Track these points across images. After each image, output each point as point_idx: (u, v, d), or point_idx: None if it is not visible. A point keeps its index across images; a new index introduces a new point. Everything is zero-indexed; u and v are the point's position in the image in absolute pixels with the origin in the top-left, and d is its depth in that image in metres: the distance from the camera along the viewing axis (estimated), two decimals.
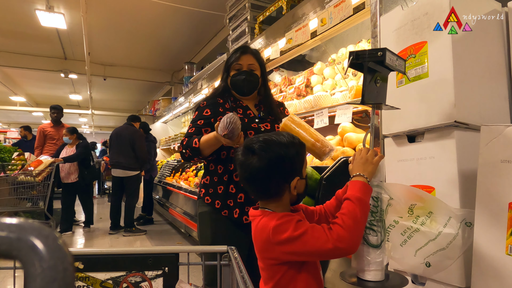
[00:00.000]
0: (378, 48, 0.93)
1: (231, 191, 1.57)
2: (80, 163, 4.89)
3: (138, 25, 6.03)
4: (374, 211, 0.95)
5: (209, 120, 1.60)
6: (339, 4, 1.96)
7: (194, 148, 1.52)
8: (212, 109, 1.61)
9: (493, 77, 1.15)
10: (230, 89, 1.67)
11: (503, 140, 0.85)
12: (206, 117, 1.61)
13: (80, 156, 4.82)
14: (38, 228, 0.27)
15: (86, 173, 4.97)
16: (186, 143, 1.56)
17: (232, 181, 1.58)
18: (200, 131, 1.59)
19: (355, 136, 2.40)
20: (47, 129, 5.29)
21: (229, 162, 1.59)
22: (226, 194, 1.57)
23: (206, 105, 1.63)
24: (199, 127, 1.60)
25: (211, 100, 1.65)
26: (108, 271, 0.83)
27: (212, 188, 1.60)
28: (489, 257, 0.88)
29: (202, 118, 1.61)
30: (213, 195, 1.59)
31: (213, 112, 1.60)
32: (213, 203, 1.58)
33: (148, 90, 10.61)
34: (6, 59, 7.59)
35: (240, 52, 1.63)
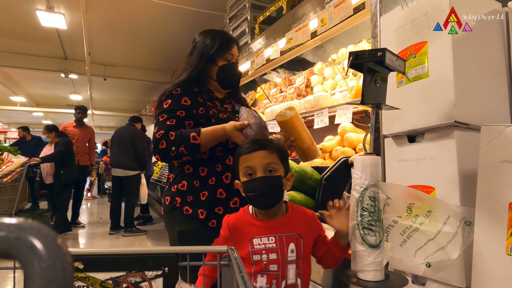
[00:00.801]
0: (377, 49, 0.93)
1: (220, 196, 1.36)
2: (57, 163, 4.63)
3: (138, 25, 6.04)
4: (372, 211, 0.95)
5: (191, 112, 1.36)
6: (339, 4, 1.96)
7: (192, 145, 1.28)
8: (191, 98, 1.38)
9: (493, 77, 1.15)
10: (208, 79, 1.49)
11: (503, 140, 0.85)
12: (186, 107, 1.36)
13: (58, 155, 4.60)
14: (37, 228, 0.27)
15: (63, 173, 4.64)
16: (175, 137, 1.28)
17: (222, 185, 1.37)
18: (183, 123, 1.35)
19: (355, 136, 2.40)
20: (68, 128, 5.26)
21: (218, 161, 1.39)
22: (212, 201, 1.35)
23: (182, 93, 1.38)
24: (181, 119, 1.35)
25: (186, 88, 1.40)
26: (108, 271, 0.83)
27: (191, 195, 1.35)
28: (490, 257, 0.88)
29: (182, 109, 1.35)
30: (193, 204, 1.34)
31: (193, 102, 1.38)
32: (195, 213, 1.34)
33: (148, 90, 10.61)
34: (6, 59, 7.60)
35: (232, 42, 1.50)
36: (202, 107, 1.39)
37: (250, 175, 1.11)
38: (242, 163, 1.14)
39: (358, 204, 0.96)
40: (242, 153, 1.14)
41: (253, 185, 1.10)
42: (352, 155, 2.26)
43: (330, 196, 2.05)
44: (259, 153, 1.12)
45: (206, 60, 1.45)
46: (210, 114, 1.39)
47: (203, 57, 1.46)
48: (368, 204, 0.95)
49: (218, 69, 1.46)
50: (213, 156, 1.38)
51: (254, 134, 1.30)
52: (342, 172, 2.07)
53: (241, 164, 1.14)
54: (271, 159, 1.13)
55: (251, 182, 1.10)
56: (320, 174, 2.13)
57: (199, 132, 1.29)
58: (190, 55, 1.51)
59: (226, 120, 1.38)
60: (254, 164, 1.12)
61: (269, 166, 1.12)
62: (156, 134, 1.32)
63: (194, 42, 1.53)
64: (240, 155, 1.14)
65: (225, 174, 1.38)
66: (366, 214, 0.94)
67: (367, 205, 0.95)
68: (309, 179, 2.14)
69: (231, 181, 1.38)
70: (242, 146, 1.16)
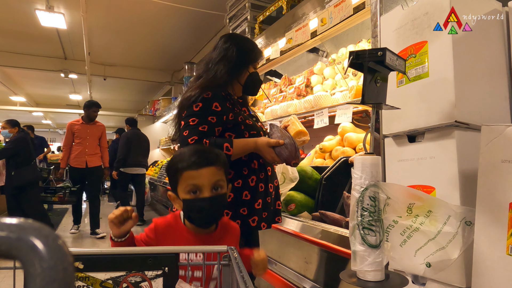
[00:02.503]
0: (378, 48, 0.93)
1: (245, 198, 1.41)
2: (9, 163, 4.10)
3: (138, 25, 6.03)
4: (372, 211, 0.95)
5: (221, 118, 1.39)
6: (339, 4, 1.96)
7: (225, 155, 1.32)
8: (221, 104, 1.39)
9: (494, 77, 1.15)
10: (234, 83, 1.52)
11: (503, 140, 0.85)
12: (217, 113, 1.38)
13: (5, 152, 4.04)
14: (38, 228, 0.27)
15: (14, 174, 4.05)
16: (209, 146, 1.32)
17: (247, 187, 1.42)
18: (213, 130, 1.37)
19: (355, 136, 2.40)
20: (75, 126, 4.68)
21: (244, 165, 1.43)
22: (238, 202, 1.39)
23: (212, 97, 1.39)
24: (213, 125, 1.37)
25: (216, 93, 1.42)
26: (108, 271, 0.83)
27: None
28: (490, 257, 0.88)
29: (214, 114, 1.37)
30: None
31: (223, 108, 1.40)
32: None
33: (148, 90, 10.61)
34: (6, 59, 7.59)
35: (261, 54, 1.62)
36: (232, 113, 1.42)
37: (194, 193, 1.02)
38: (186, 179, 1.02)
39: (358, 204, 0.96)
40: (187, 168, 1.02)
41: (199, 205, 1.01)
42: (352, 155, 2.26)
43: (330, 196, 2.06)
44: (208, 169, 1.02)
45: (244, 64, 1.50)
46: (239, 121, 1.44)
47: (241, 62, 1.49)
48: (368, 204, 0.95)
49: (249, 75, 1.52)
50: (239, 160, 1.41)
51: (288, 154, 1.32)
52: (342, 172, 2.07)
53: (185, 180, 1.02)
54: (219, 176, 1.05)
55: (196, 201, 1.01)
56: (320, 174, 2.13)
57: (232, 144, 1.34)
58: (221, 58, 1.50)
59: (251, 126, 1.45)
60: (201, 183, 1.01)
61: (216, 183, 1.03)
62: (188, 139, 1.33)
63: (225, 46, 1.52)
64: (184, 170, 1.02)
65: (250, 177, 1.42)
66: (366, 214, 0.94)
67: (367, 205, 0.95)
68: (309, 179, 2.14)
69: (255, 184, 1.43)
70: (184, 159, 1.04)
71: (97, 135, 4.83)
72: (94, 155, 4.74)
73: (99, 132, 4.86)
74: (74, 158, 4.59)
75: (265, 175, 1.48)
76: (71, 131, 4.64)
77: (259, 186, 1.44)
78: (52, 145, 11.44)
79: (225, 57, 1.49)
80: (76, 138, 4.66)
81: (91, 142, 4.73)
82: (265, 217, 1.46)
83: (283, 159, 1.34)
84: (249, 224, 1.40)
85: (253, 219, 1.41)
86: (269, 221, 1.48)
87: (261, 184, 1.45)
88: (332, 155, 2.54)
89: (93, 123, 4.85)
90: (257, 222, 1.42)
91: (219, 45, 1.54)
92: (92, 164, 4.67)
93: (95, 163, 4.72)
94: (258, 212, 1.42)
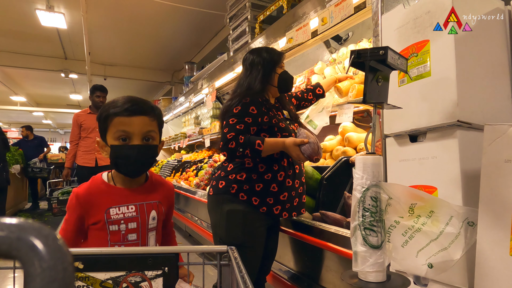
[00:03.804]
0: (380, 47, 0.92)
1: (272, 190, 1.63)
2: None
3: (138, 24, 6.03)
4: (373, 211, 0.94)
5: (257, 119, 1.61)
6: (340, 3, 1.95)
7: (256, 150, 1.54)
8: (257, 108, 1.62)
9: (496, 76, 1.14)
10: (269, 87, 1.74)
11: (506, 140, 0.84)
12: (253, 115, 1.60)
13: None
14: (38, 228, 0.27)
15: None
16: (243, 141, 1.54)
17: (275, 181, 1.63)
18: (249, 129, 1.60)
19: (356, 136, 2.39)
20: (81, 117, 4.00)
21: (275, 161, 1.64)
22: (266, 192, 1.62)
23: (250, 102, 1.62)
24: (248, 125, 1.60)
25: (253, 98, 1.64)
26: (108, 271, 0.82)
27: (247, 185, 1.61)
28: (493, 258, 0.87)
29: (250, 116, 1.60)
30: (248, 192, 1.61)
31: (259, 111, 1.62)
32: (249, 200, 1.61)
33: (149, 90, 10.61)
34: (6, 59, 7.60)
35: (283, 54, 1.77)
36: (267, 116, 1.65)
37: (124, 140, 1.01)
38: (117, 125, 1.01)
39: (360, 204, 0.95)
40: (119, 114, 1.00)
41: (127, 152, 1.01)
42: (352, 154, 2.26)
43: (331, 196, 2.05)
44: (140, 118, 1.02)
45: (270, 69, 1.71)
46: (273, 123, 1.65)
47: (267, 68, 1.71)
48: (369, 205, 0.94)
49: (279, 76, 1.73)
50: (271, 157, 1.63)
51: (311, 151, 1.53)
52: (343, 172, 2.07)
53: (115, 126, 1.01)
54: (151, 127, 1.04)
55: (125, 148, 1.01)
56: (321, 174, 2.13)
57: (263, 141, 1.55)
58: (249, 71, 1.74)
59: (284, 129, 1.67)
60: (132, 130, 1.01)
61: (148, 134, 1.03)
62: (227, 135, 1.56)
63: (250, 59, 1.76)
64: (115, 116, 1.01)
65: (279, 173, 1.64)
66: (367, 214, 0.94)
67: (369, 206, 0.94)
68: (310, 179, 2.14)
69: (283, 179, 1.64)
70: (117, 105, 1.02)
71: None
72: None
73: None
74: (81, 155, 3.92)
75: (293, 172, 1.69)
76: (77, 123, 3.96)
77: (286, 181, 1.66)
78: (52, 145, 11.44)
79: (253, 69, 1.72)
80: (83, 131, 3.96)
81: None
82: (288, 208, 1.68)
83: (307, 156, 1.54)
84: (272, 212, 1.64)
85: (276, 208, 1.65)
86: (291, 212, 1.70)
87: (288, 180, 1.66)
88: (333, 155, 2.53)
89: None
90: (280, 211, 1.66)
91: (244, 63, 1.79)
92: (104, 162, 3.92)
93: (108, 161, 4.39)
94: (282, 203, 1.65)
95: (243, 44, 3.51)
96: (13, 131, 13.32)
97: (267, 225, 1.69)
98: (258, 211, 1.62)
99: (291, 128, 1.73)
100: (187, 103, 5.56)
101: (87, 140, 3.92)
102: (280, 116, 1.76)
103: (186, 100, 5.60)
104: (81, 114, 4.02)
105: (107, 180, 1.10)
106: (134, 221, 1.06)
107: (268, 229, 1.72)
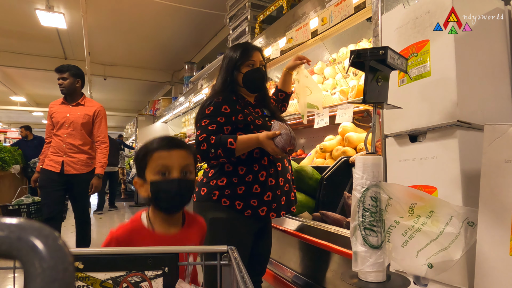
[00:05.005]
0: (379, 47, 0.92)
1: (255, 191, 1.55)
2: None
3: (138, 24, 6.03)
4: (373, 211, 0.94)
5: (230, 118, 1.55)
6: (339, 3, 1.95)
7: (229, 149, 1.47)
8: (230, 106, 1.56)
9: (496, 76, 1.14)
10: (237, 87, 1.65)
11: (506, 140, 0.84)
12: (226, 114, 1.54)
13: None
14: (38, 228, 0.27)
15: None
16: (215, 141, 1.48)
17: (257, 181, 1.56)
18: (222, 129, 1.54)
19: (356, 136, 2.39)
20: (53, 107, 3.10)
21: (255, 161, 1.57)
22: (248, 195, 1.54)
23: (222, 101, 1.56)
24: (221, 125, 1.53)
25: (226, 97, 1.59)
26: (108, 271, 0.82)
27: (229, 190, 1.54)
28: (493, 258, 0.87)
29: (222, 115, 1.54)
30: (231, 197, 1.54)
31: (232, 109, 1.56)
32: (232, 204, 1.53)
33: (148, 90, 10.61)
34: (6, 59, 7.59)
35: (252, 50, 1.65)
36: (241, 114, 1.58)
37: (163, 174, 1.03)
38: (156, 160, 1.03)
39: (360, 204, 0.95)
40: (158, 149, 1.04)
41: (168, 186, 1.02)
42: (352, 154, 2.26)
43: (331, 196, 2.06)
44: (178, 152, 1.05)
45: (232, 69, 1.63)
46: (248, 121, 1.58)
47: (229, 68, 1.64)
48: (369, 205, 0.94)
49: (243, 76, 1.63)
50: (251, 157, 1.57)
51: (284, 143, 1.45)
52: (343, 172, 2.07)
53: (154, 161, 1.03)
54: (189, 160, 1.06)
55: (165, 182, 1.02)
56: (321, 174, 2.13)
57: (235, 139, 1.48)
58: (221, 68, 1.70)
59: (261, 126, 1.59)
60: (171, 163, 1.03)
61: (186, 167, 1.04)
62: (199, 137, 1.51)
63: (224, 57, 1.71)
64: (154, 151, 1.04)
65: (260, 173, 1.56)
66: (367, 214, 0.94)
67: (369, 206, 0.94)
68: (310, 179, 2.14)
69: (265, 178, 1.57)
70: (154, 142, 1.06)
71: (84, 121, 3.02)
72: (78, 153, 3.00)
73: (87, 116, 3.05)
74: (48, 155, 3.02)
75: (275, 170, 1.61)
76: (49, 114, 3.09)
77: (268, 181, 1.58)
78: None
79: (222, 67, 1.69)
80: (50, 126, 3.09)
81: (74, 134, 3.00)
82: (274, 208, 1.59)
83: (281, 148, 1.46)
84: (258, 214, 1.55)
85: (262, 209, 1.56)
86: (278, 211, 1.61)
87: (270, 179, 1.58)
88: (332, 155, 2.53)
89: (79, 101, 3.09)
90: (266, 212, 1.57)
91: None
92: (73, 170, 2.96)
93: (78, 168, 2.98)
94: (267, 204, 1.57)
95: None
96: (13, 131, 13.31)
97: (254, 230, 1.62)
98: (243, 215, 1.54)
99: (269, 125, 1.64)
100: (187, 103, 5.56)
101: (56, 138, 3.01)
102: (259, 113, 1.69)
103: (186, 100, 5.60)
104: (53, 104, 3.12)
105: (146, 223, 1.08)
106: None
107: (258, 233, 1.65)
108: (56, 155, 3.00)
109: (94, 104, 3.19)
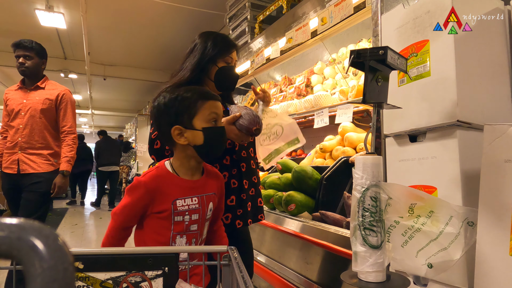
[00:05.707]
0: (379, 47, 0.92)
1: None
2: None
3: (138, 25, 6.03)
4: (373, 211, 0.94)
5: None
6: (339, 3, 1.96)
7: None
8: None
9: (496, 76, 1.14)
10: (206, 79, 1.49)
11: (506, 140, 0.84)
12: None
13: None
14: (38, 228, 0.27)
15: None
16: None
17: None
18: None
19: (356, 136, 2.39)
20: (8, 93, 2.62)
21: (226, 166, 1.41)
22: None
23: None
24: None
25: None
26: (108, 271, 0.82)
27: None
28: (493, 258, 0.87)
29: None
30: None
31: None
32: None
33: (148, 90, 10.60)
34: (6, 59, 7.58)
35: (233, 46, 1.53)
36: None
37: (214, 122, 1.11)
38: (210, 107, 1.11)
39: (360, 204, 0.95)
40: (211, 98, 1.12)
41: (220, 133, 1.12)
42: (352, 154, 2.26)
43: (331, 196, 2.06)
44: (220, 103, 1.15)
45: (207, 60, 1.47)
46: None
47: (204, 58, 1.47)
48: (369, 205, 0.94)
49: (217, 70, 1.47)
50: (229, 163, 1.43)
51: (248, 123, 1.29)
52: (343, 172, 2.07)
53: (207, 109, 1.10)
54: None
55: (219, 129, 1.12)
56: (321, 174, 2.13)
57: None
58: (189, 55, 1.53)
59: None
60: (220, 113, 1.14)
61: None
62: (151, 135, 1.35)
63: (195, 42, 1.55)
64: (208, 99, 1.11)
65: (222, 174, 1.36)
66: (367, 214, 0.94)
67: (369, 206, 0.94)
68: (309, 179, 2.14)
69: (227, 180, 1.42)
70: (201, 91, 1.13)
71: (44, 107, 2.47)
72: (37, 149, 2.44)
73: (48, 101, 2.49)
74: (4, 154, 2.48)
75: (238, 171, 1.44)
76: (4, 104, 2.57)
77: (231, 182, 1.41)
78: None
79: (191, 54, 1.51)
80: (6, 117, 2.52)
81: (32, 123, 2.43)
82: (240, 215, 1.41)
83: (245, 130, 1.30)
84: (222, 222, 1.34)
85: (226, 216, 1.37)
86: (245, 219, 1.42)
87: (233, 180, 1.42)
88: (332, 155, 2.53)
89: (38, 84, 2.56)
90: (231, 220, 1.38)
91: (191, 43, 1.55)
92: (31, 170, 2.40)
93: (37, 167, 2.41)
94: (231, 210, 1.38)
95: (243, 44, 3.51)
96: None
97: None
98: None
99: None
100: None
101: (11, 131, 2.46)
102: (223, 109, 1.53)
103: None
104: (9, 90, 2.64)
105: (171, 170, 1.13)
106: (197, 213, 1.11)
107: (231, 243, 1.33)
108: (11, 153, 2.43)
109: (58, 87, 2.63)
